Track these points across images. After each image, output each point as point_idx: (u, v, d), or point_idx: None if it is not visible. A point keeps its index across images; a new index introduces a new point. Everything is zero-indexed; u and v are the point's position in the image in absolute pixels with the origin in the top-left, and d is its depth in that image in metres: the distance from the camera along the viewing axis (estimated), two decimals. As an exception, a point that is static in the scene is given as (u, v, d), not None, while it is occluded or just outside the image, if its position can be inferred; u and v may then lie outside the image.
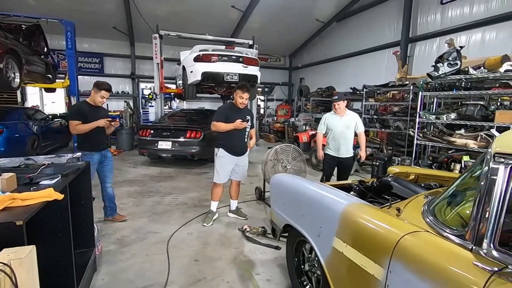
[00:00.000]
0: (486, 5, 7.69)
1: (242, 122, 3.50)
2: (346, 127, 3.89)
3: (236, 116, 3.53)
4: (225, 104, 4.02)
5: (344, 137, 3.89)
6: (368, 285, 1.46)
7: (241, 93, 3.55)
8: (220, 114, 3.66)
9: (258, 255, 3.00)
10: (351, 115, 3.97)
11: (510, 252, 1.01)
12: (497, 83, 4.03)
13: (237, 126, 3.50)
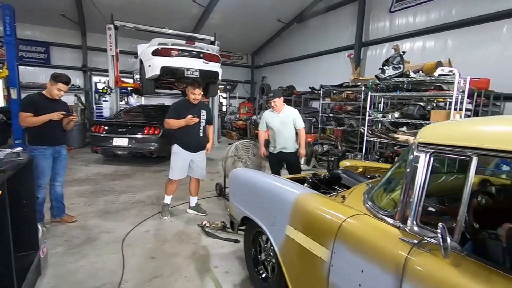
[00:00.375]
0: (426, 17, 8.53)
1: (192, 118, 3.50)
2: (283, 124, 3.82)
3: (188, 112, 3.52)
4: (179, 101, 3.95)
5: (282, 134, 3.84)
6: (316, 267, 1.58)
7: (192, 89, 3.55)
8: (173, 111, 3.66)
9: (217, 249, 3.03)
10: (289, 111, 3.89)
11: (427, 227, 1.18)
12: (432, 86, 4.55)
13: (187, 121, 3.50)
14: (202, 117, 3.69)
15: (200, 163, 3.83)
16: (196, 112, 3.59)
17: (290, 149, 3.89)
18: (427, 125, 1.43)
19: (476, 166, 1.07)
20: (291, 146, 3.89)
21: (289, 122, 3.84)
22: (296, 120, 3.86)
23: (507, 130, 1.09)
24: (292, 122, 3.84)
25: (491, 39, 7.08)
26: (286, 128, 3.84)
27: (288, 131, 3.86)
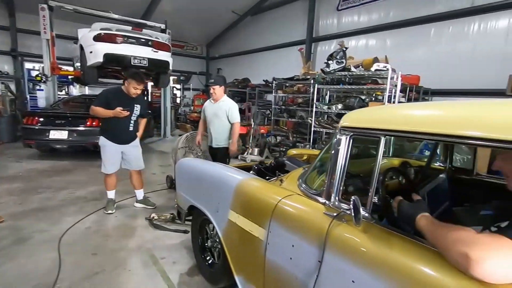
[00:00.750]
0: (369, 17, 9.18)
1: (122, 111, 3.28)
2: (215, 115, 3.60)
3: (120, 104, 3.29)
4: (111, 89, 3.62)
5: (213, 125, 3.63)
6: (255, 247, 1.66)
7: (136, 83, 3.33)
8: (103, 99, 3.37)
9: (166, 241, 2.99)
10: (226, 102, 3.61)
11: (346, 202, 1.32)
12: (370, 80, 4.97)
13: (116, 114, 3.27)
14: (135, 112, 3.46)
15: (133, 154, 3.62)
16: (129, 105, 3.37)
17: (220, 143, 3.65)
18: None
19: (383, 146, 1.23)
20: (221, 140, 3.64)
21: (222, 114, 3.57)
22: (230, 113, 3.55)
23: (408, 114, 1.27)
24: (225, 114, 3.56)
25: (421, 41, 7.91)
26: (218, 120, 3.60)
27: (219, 123, 3.60)
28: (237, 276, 1.83)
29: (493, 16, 6.73)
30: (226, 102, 3.64)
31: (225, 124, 3.61)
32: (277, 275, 1.52)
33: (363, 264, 1.12)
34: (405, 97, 6.40)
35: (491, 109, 1.08)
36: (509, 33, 6.54)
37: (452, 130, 1.01)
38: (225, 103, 3.62)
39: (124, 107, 3.31)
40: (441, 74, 7.31)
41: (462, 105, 1.18)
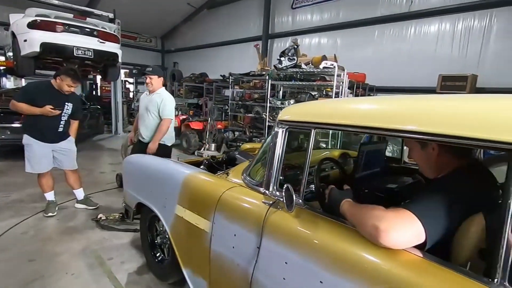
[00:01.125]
0: (321, 16, 9.61)
1: (53, 110, 3.01)
2: (146, 109, 3.23)
3: (49, 101, 3.00)
4: (38, 82, 3.27)
5: (143, 119, 3.28)
6: (201, 239, 1.70)
7: (70, 81, 3.05)
8: (27, 94, 3.04)
9: (114, 241, 2.88)
10: (160, 95, 3.19)
11: (280, 189, 1.42)
12: (319, 77, 5.26)
13: (45, 112, 2.98)
14: (65, 111, 3.19)
15: (65, 153, 3.36)
16: (60, 103, 3.09)
17: (148, 139, 3.25)
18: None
19: (313, 138, 1.34)
20: (148, 136, 3.25)
21: (153, 107, 3.18)
22: (162, 106, 3.15)
23: (335, 108, 1.40)
24: (156, 108, 3.17)
25: (367, 41, 8.52)
26: (148, 115, 3.22)
27: (149, 117, 3.22)
28: (185, 269, 1.85)
29: (426, 22, 7.50)
30: (161, 94, 3.21)
31: (156, 121, 3.21)
32: (221, 264, 1.58)
33: (294, 246, 1.22)
34: (353, 94, 6.86)
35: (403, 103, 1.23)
36: (439, 38, 7.34)
37: (369, 123, 1.14)
38: (159, 95, 3.19)
39: (54, 105, 3.01)
40: (384, 73, 7.96)
41: (380, 100, 1.34)
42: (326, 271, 1.09)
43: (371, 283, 0.97)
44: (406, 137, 1.08)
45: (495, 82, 6.29)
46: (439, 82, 6.51)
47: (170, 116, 3.21)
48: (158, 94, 3.20)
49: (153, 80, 3.18)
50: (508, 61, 6.34)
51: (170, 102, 3.21)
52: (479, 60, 6.75)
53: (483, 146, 0.96)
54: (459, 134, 0.89)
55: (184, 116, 8.10)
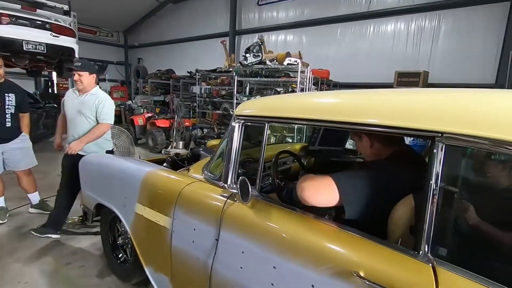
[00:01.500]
0: (286, 13, 9.77)
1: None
2: (78, 112, 2.67)
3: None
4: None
5: (74, 125, 2.71)
6: (161, 236, 1.69)
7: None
8: None
9: (72, 245, 2.75)
10: (96, 96, 2.70)
11: (237, 183, 1.45)
12: (283, 73, 5.38)
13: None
14: (8, 102, 2.91)
15: (17, 153, 3.08)
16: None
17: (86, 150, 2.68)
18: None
19: (267, 131, 1.39)
20: (87, 147, 2.68)
21: (89, 111, 2.66)
22: (100, 109, 2.66)
23: (286, 102, 1.47)
24: (93, 111, 2.66)
25: (331, 39, 8.83)
26: (82, 118, 2.68)
27: (83, 122, 2.68)
28: (147, 268, 1.83)
29: (384, 21, 7.94)
30: (98, 95, 2.70)
31: (89, 123, 2.70)
32: (182, 259, 1.58)
33: (250, 236, 1.27)
34: (318, 89, 7.09)
35: (347, 97, 1.33)
36: (395, 37, 7.82)
37: (313, 116, 1.22)
38: (95, 96, 2.68)
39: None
40: (346, 69, 8.32)
41: (326, 95, 1.42)
42: (279, 257, 1.15)
43: (319, 263, 1.04)
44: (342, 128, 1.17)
45: (444, 78, 6.85)
46: (396, 78, 6.95)
47: (110, 120, 2.73)
48: (94, 96, 2.69)
49: (83, 77, 2.62)
50: (454, 59, 6.93)
51: (110, 105, 2.74)
52: (430, 58, 7.30)
53: (407, 134, 1.07)
54: (386, 124, 0.99)
55: (150, 114, 7.86)
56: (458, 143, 0.89)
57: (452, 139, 0.89)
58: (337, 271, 1.00)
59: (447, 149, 0.90)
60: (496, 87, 6.14)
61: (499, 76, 6.28)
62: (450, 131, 0.89)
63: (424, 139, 0.98)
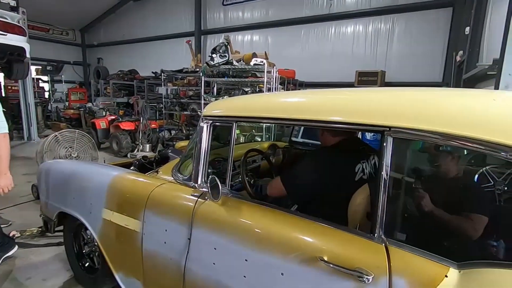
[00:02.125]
0: (252, 14, 9.87)
1: None
2: None
3: None
4: None
5: None
6: (132, 240, 1.66)
7: None
8: None
9: (32, 259, 2.58)
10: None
11: (207, 182, 1.49)
12: (250, 73, 5.46)
13: None
14: None
15: None
16: None
17: None
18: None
19: (235, 131, 1.44)
20: None
21: None
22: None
23: (252, 102, 1.53)
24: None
25: (295, 39, 9.09)
26: None
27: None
28: (117, 274, 1.79)
29: (344, 23, 8.35)
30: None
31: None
32: (154, 261, 1.58)
33: (221, 232, 1.31)
34: (284, 89, 7.27)
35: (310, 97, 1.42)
36: (355, 38, 8.26)
37: (275, 114, 1.29)
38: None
39: None
40: (311, 69, 8.62)
41: (287, 94, 1.51)
42: (250, 250, 1.21)
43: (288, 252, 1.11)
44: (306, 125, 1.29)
45: (398, 77, 7.38)
46: (356, 77, 7.36)
47: (4, 129, 2.07)
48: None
49: None
50: (407, 59, 7.51)
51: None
52: (386, 58, 7.82)
53: (362, 130, 1.19)
54: (345, 120, 1.09)
55: (113, 117, 7.52)
56: (404, 136, 1.00)
57: (399, 132, 1.00)
58: (304, 258, 1.07)
59: (395, 141, 1.01)
60: (442, 85, 6.77)
61: (445, 75, 6.93)
62: (397, 126, 1.00)
63: (376, 133, 1.09)
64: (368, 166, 1.43)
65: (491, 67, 3.56)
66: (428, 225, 1.06)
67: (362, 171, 1.40)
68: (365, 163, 1.43)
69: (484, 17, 4.64)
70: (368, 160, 1.45)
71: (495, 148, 0.84)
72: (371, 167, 1.45)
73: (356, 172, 1.38)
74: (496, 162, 1.72)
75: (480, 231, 1.07)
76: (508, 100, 1.03)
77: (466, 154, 1.51)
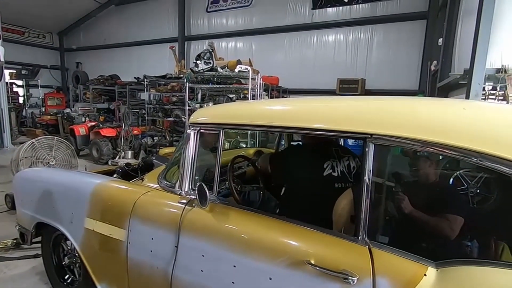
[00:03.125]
0: (235, 21, 9.97)
1: None
2: None
3: None
4: None
5: None
6: (116, 249, 1.63)
7: None
8: None
9: (7, 272, 2.45)
10: None
11: (195, 189, 1.49)
12: (235, 80, 5.50)
13: None
14: None
15: None
16: None
17: None
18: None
19: (222, 138, 1.46)
20: None
21: None
22: None
23: (238, 110, 1.56)
24: None
25: (279, 47, 9.25)
26: None
27: None
28: (100, 285, 1.74)
29: (325, 32, 8.61)
30: None
31: None
32: (140, 270, 1.55)
33: (209, 238, 1.31)
34: (268, 95, 7.37)
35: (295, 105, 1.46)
36: (336, 47, 8.52)
37: (266, 122, 1.32)
38: None
39: None
40: (294, 76, 8.79)
41: (276, 102, 1.55)
42: (238, 256, 1.22)
43: (275, 257, 1.13)
44: (291, 132, 1.33)
45: (377, 85, 7.67)
46: (338, 85, 7.58)
47: None
48: None
49: None
50: (385, 68, 7.82)
51: None
52: (366, 67, 8.11)
53: (345, 136, 1.24)
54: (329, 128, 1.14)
55: (93, 123, 7.30)
56: (384, 143, 1.06)
57: (380, 139, 1.06)
58: (291, 262, 1.10)
59: (376, 148, 1.07)
60: (419, 92, 7.09)
61: (421, 84, 7.27)
62: (378, 133, 1.06)
63: (359, 139, 1.14)
64: (340, 165, 1.51)
65: (462, 76, 3.79)
66: (408, 227, 1.12)
67: (331, 168, 1.48)
68: (336, 162, 1.50)
69: (455, 29, 4.95)
70: (341, 160, 1.53)
71: (467, 154, 0.91)
72: (343, 167, 1.52)
73: (325, 168, 1.47)
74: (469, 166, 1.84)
75: (456, 231, 1.14)
76: (476, 109, 1.12)
77: (442, 159, 1.60)
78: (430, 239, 1.16)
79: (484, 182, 2.03)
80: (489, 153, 0.87)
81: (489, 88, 3.33)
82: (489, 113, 1.08)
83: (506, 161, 0.86)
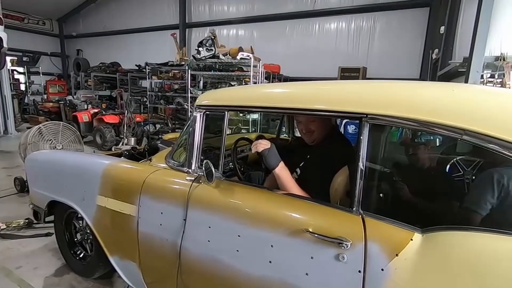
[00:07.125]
0: (237, 8, 9.88)
1: None
2: None
3: None
4: None
5: None
6: (127, 224, 1.74)
7: None
8: None
9: (20, 249, 2.59)
10: None
11: (201, 167, 1.58)
12: (237, 67, 5.53)
13: None
14: None
15: None
16: None
17: None
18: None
19: (227, 119, 1.55)
20: None
21: None
22: None
23: (243, 92, 1.64)
24: None
25: (281, 35, 9.20)
26: None
27: None
28: (112, 257, 1.86)
29: (327, 20, 8.54)
30: None
31: None
32: (150, 243, 1.67)
33: (216, 211, 1.42)
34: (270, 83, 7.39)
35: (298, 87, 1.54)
36: (337, 35, 8.47)
37: (270, 103, 1.40)
38: None
39: None
40: (296, 64, 8.78)
41: (278, 86, 1.62)
42: (242, 226, 1.32)
43: (277, 227, 1.24)
44: (294, 113, 1.40)
45: (379, 73, 7.68)
46: (339, 73, 7.59)
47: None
48: None
49: None
50: (387, 56, 7.80)
51: None
52: (367, 55, 8.10)
53: (343, 117, 1.32)
54: (329, 108, 1.23)
55: (96, 110, 7.38)
56: (379, 122, 1.14)
57: (375, 119, 1.14)
58: (292, 231, 1.20)
59: (371, 127, 1.15)
60: (419, 80, 7.11)
61: (422, 72, 7.28)
62: (373, 113, 1.14)
63: (355, 120, 1.22)
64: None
65: (461, 64, 3.83)
66: (398, 199, 1.21)
67: None
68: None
69: (457, 17, 4.94)
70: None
71: (453, 131, 1.00)
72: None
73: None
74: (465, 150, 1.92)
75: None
76: (464, 91, 1.19)
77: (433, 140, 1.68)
78: (419, 210, 1.26)
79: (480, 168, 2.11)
80: (472, 130, 0.96)
81: (487, 76, 3.38)
82: (475, 95, 1.16)
83: (487, 137, 0.94)
